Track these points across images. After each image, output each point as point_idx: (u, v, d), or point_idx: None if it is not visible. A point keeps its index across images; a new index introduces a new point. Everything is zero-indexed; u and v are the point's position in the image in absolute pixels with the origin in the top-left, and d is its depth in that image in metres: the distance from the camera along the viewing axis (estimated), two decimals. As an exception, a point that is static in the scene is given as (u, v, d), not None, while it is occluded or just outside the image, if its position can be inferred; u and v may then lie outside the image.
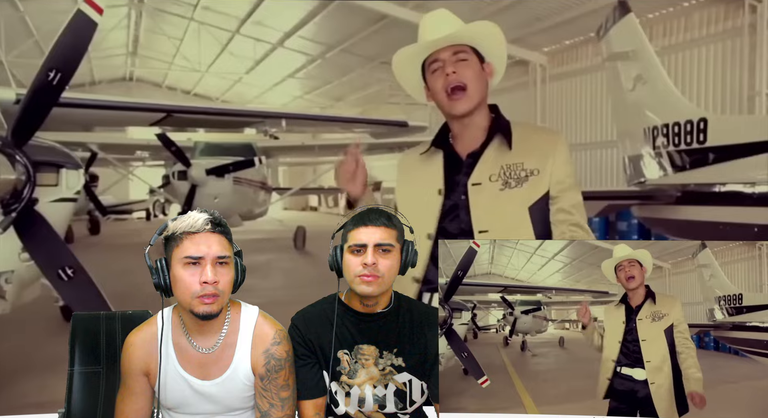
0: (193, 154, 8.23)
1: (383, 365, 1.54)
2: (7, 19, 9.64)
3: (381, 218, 1.47)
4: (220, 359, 1.45)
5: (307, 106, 14.63)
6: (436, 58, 1.68)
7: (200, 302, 1.36)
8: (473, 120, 1.71)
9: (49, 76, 2.83)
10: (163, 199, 13.02)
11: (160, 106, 5.61)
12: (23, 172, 2.85)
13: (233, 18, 11.24)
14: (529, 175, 1.66)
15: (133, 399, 1.47)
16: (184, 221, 1.39)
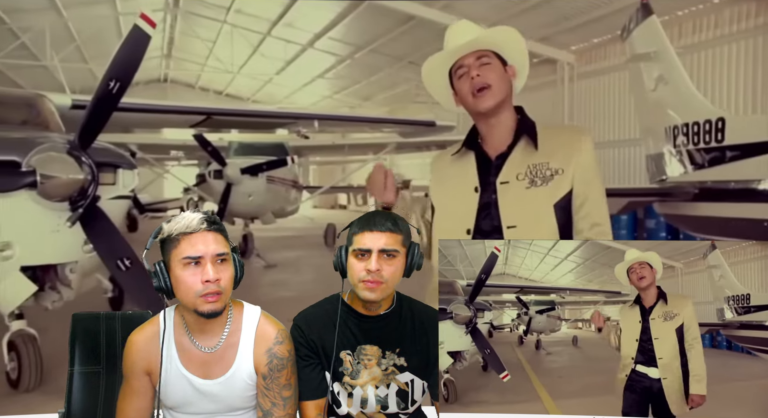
0: (228, 154, 8.61)
1: (386, 365, 1.55)
2: (51, 26, 10.17)
3: (386, 222, 1.48)
4: (222, 358, 1.46)
5: (336, 105, 14.95)
6: (462, 64, 1.79)
7: (204, 300, 1.38)
8: (499, 120, 1.80)
9: (110, 86, 3.19)
10: (196, 198, 13.50)
11: (200, 109, 5.99)
12: (89, 172, 3.21)
13: (265, 20, 11.62)
14: (554, 174, 1.74)
15: (134, 398, 1.48)
16: (179, 222, 1.40)
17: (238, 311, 1.50)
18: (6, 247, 3.21)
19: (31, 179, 3.07)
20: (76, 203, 3.21)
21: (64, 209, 3.21)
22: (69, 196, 3.18)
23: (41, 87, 12.97)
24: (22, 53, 10.59)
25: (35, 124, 4.50)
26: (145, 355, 1.46)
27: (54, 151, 3.15)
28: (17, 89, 8.00)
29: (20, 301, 3.37)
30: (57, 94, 5.96)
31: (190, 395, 1.47)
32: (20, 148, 3.15)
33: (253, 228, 8.52)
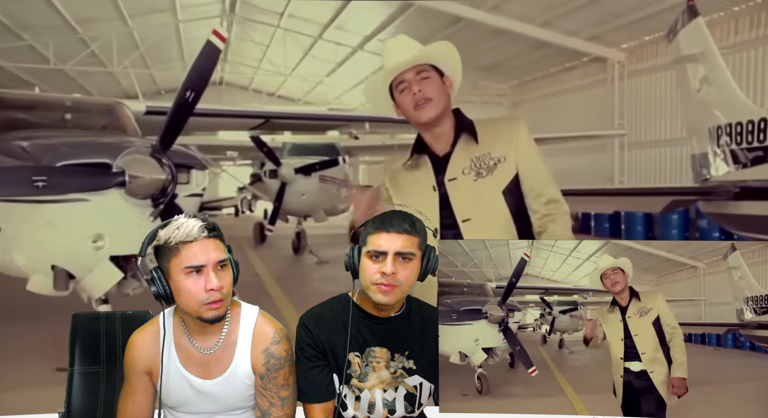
0: (282, 155, 9.09)
1: (395, 368, 1.56)
2: (118, 34, 10.89)
3: (404, 223, 1.48)
4: (221, 358, 1.49)
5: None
6: (402, 79, 1.92)
7: (208, 308, 1.41)
8: (442, 129, 1.94)
9: (186, 95, 3.63)
10: (250, 197, 14.14)
11: (261, 113, 6.45)
12: (168, 172, 3.66)
13: (316, 24, 12.06)
14: (497, 162, 1.87)
15: (135, 398, 1.52)
16: (179, 229, 1.40)
17: (236, 311, 1.52)
18: (99, 238, 3.69)
19: (120, 179, 3.54)
20: (158, 200, 3.66)
21: (147, 206, 3.66)
22: (152, 194, 3.63)
23: (107, 92, 13.89)
24: (90, 61, 11.38)
25: (114, 128, 5.03)
26: (145, 355, 1.49)
27: (139, 154, 3.61)
28: (98, 97, 8.68)
29: (108, 287, 3.85)
30: (133, 100, 6.54)
31: (190, 395, 1.50)
32: (110, 151, 3.62)
33: (306, 226, 8.96)
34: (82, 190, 3.55)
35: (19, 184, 3.36)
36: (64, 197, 3.55)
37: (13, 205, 3.81)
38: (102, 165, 3.58)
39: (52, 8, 9.29)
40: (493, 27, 9.93)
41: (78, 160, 3.61)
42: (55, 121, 4.82)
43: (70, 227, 3.62)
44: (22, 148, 4.05)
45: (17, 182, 3.37)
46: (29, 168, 3.48)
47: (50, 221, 3.67)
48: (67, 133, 4.50)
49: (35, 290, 4.05)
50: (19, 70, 11.64)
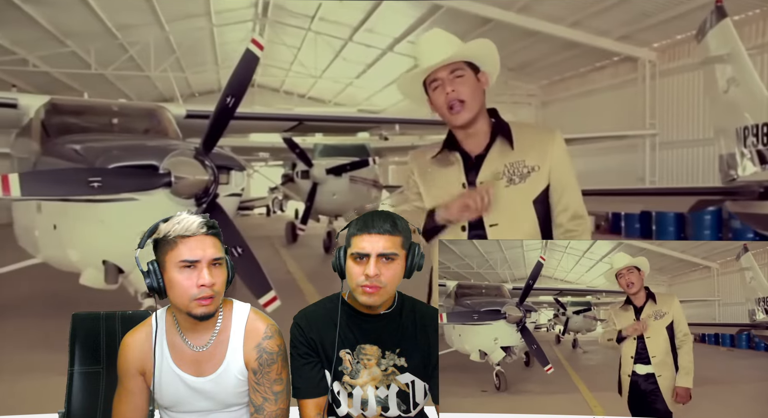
0: (313, 156, 9.36)
1: (385, 366, 1.56)
2: (155, 39, 11.32)
3: (385, 224, 1.47)
4: (213, 355, 1.48)
5: (414, 107, 15.52)
6: (436, 77, 1.83)
7: (198, 304, 1.39)
8: (475, 128, 1.86)
9: (227, 101, 3.85)
10: (281, 197, 14.47)
11: (295, 116, 6.70)
12: (211, 173, 3.87)
13: (346, 27, 12.30)
14: (530, 171, 1.82)
15: (130, 399, 1.50)
16: (179, 223, 1.41)
17: (228, 308, 1.52)
18: None
19: (166, 180, 3.75)
20: (201, 200, 3.88)
21: (191, 205, 3.87)
22: (195, 194, 3.84)
23: (144, 95, 14.34)
24: (129, 65, 11.84)
25: (156, 131, 5.31)
26: (138, 355, 1.49)
27: (184, 156, 3.83)
28: (142, 102, 9.07)
29: None
30: (173, 104, 6.86)
31: (184, 394, 1.50)
32: (157, 154, 3.85)
33: (337, 225, 9.20)
34: (132, 191, 3.79)
35: (76, 184, 3.60)
36: (115, 197, 3.80)
37: (67, 204, 4.09)
38: (149, 167, 3.81)
39: (94, 16, 9.71)
40: (522, 28, 10.01)
41: (128, 162, 3.80)
42: (103, 125, 5.11)
43: (121, 224, 3.84)
44: (74, 151, 4.33)
45: (75, 183, 3.62)
46: (85, 170, 3.72)
47: (102, 219, 3.93)
48: (114, 136, 4.76)
49: (87, 284, 4.35)
50: (62, 75, 12.20)
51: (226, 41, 13.29)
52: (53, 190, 3.69)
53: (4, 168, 10.98)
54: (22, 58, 10.61)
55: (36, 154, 4.63)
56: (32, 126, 4.84)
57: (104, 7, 9.65)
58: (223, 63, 14.36)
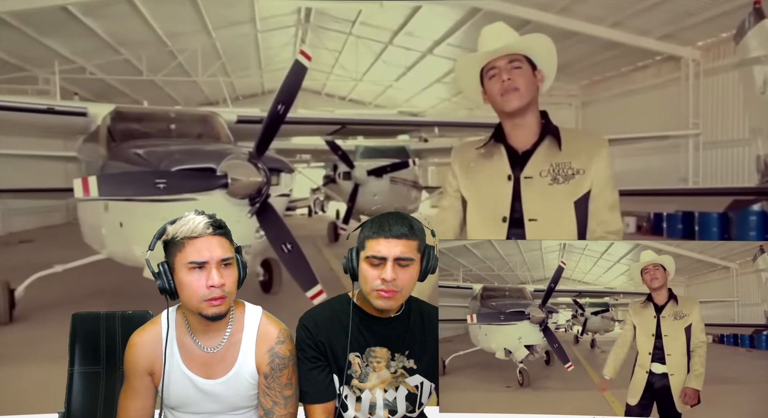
0: (355, 157, 9.70)
1: (395, 368, 1.56)
2: (202, 46, 11.86)
3: (402, 227, 1.46)
4: (224, 358, 1.49)
5: (454, 108, 15.69)
6: (494, 65, 1.86)
7: (209, 304, 1.40)
8: (525, 120, 1.89)
9: (278, 108, 4.20)
10: (323, 197, 14.89)
11: (338, 120, 7.05)
12: (263, 175, 4.23)
13: (387, 31, 12.59)
14: (575, 173, 1.86)
15: (136, 398, 1.50)
16: (185, 225, 1.42)
17: (240, 311, 1.53)
18: None
19: (223, 181, 4.12)
20: (254, 200, 4.24)
21: (245, 204, 4.24)
22: (249, 194, 4.20)
23: (191, 100, 14.95)
24: (177, 71, 12.44)
25: (209, 136, 5.72)
26: (147, 355, 1.49)
27: (239, 159, 4.20)
28: (195, 108, 9.52)
29: None
30: (225, 109, 7.31)
31: (193, 395, 1.50)
32: (215, 157, 4.23)
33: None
34: (192, 191, 4.16)
35: (144, 185, 4.00)
36: (177, 197, 4.18)
37: (132, 204, 4.50)
38: (208, 169, 4.20)
39: (146, 25, 10.29)
40: (561, 29, 10.10)
41: (189, 165, 4.19)
42: (162, 130, 5.55)
43: None
44: (137, 155, 4.75)
45: (143, 184, 4.02)
46: (152, 172, 4.11)
47: (164, 218, 4.23)
48: (172, 141, 5.18)
49: (151, 278, 4.74)
50: (115, 82, 12.89)
51: (269, 46, 13.78)
52: (124, 191, 4.10)
53: (65, 170, 11.72)
54: (81, 66, 11.30)
55: (103, 158, 5.09)
56: (99, 132, 5.30)
57: (156, 16, 10.20)
58: (267, 67, 14.90)
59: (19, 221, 12.33)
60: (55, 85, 11.03)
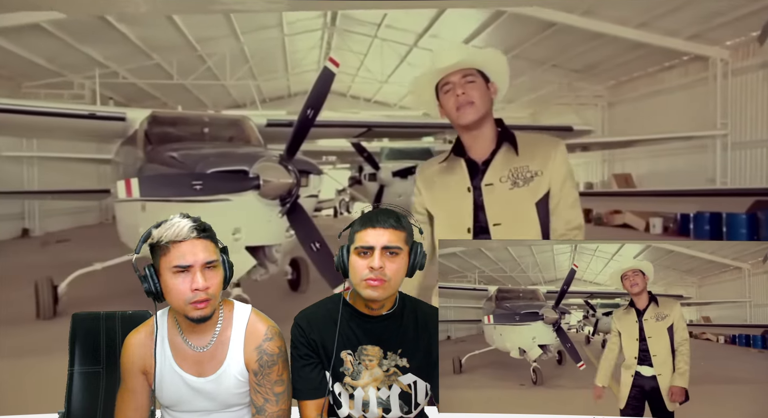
0: (380, 159, 9.90)
1: (387, 366, 1.58)
2: (231, 50, 12.18)
3: (389, 219, 1.50)
4: (214, 356, 1.51)
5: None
6: (448, 81, 1.95)
7: (193, 307, 1.42)
8: (482, 132, 1.98)
9: (308, 113, 4.41)
10: (348, 198, 15.13)
11: (364, 123, 7.26)
12: (294, 177, 4.43)
13: (412, 33, 12.76)
14: (534, 175, 1.95)
15: (132, 398, 1.54)
16: (169, 229, 1.42)
17: (229, 309, 1.55)
18: (237, 231, 4.54)
19: (255, 183, 4.33)
20: (284, 200, 4.45)
21: (275, 205, 4.45)
22: (280, 195, 4.41)
23: (220, 103, 15.28)
24: (206, 74, 12.80)
25: (240, 139, 5.96)
26: (141, 355, 1.52)
27: (270, 162, 4.41)
28: (227, 112, 9.82)
29: (244, 272, 4.70)
30: (255, 112, 7.58)
31: (185, 393, 1.53)
32: (247, 160, 4.45)
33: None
34: (226, 192, 4.38)
35: (182, 186, 4.23)
36: (212, 197, 4.42)
37: (168, 204, 4.71)
38: (241, 172, 4.43)
39: (177, 31, 10.64)
40: (587, 30, 10.16)
41: (223, 167, 4.37)
42: (195, 133, 5.80)
43: (215, 221, 4.36)
44: (172, 158, 4.99)
45: (180, 185, 4.25)
46: (190, 174, 4.35)
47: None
48: (206, 144, 5.42)
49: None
50: (146, 86, 13.31)
51: (296, 50, 14.08)
52: (163, 192, 4.35)
53: (98, 172, 12.11)
54: (114, 71, 11.72)
55: (141, 161, 5.37)
56: (137, 136, 5.58)
57: (187, 22, 10.53)
58: (293, 70, 15.21)
59: (56, 221, 12.83)
60: (92, 89, 11.48)
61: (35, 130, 6.98)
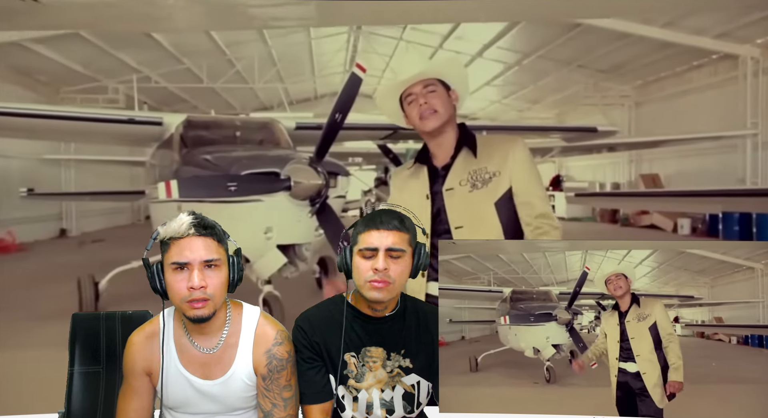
0: (405, 160, 10.07)
1: (391, 367, 1.58)
2: (259, 54, 12.49)
3: (393, 220, 1.51)
4: (221, 359, 1.50)
5: (504, 109, 15.89)
6: (411, 92, 2.05)
7: (190, 306, 1.41)
8: (445, 138, 2.07)
9: (336, 117, 4.63)
10: (374, 199, 15.34)
11: (390, 126, 7.48)
12: (323, 179, 4.67)
13: (437, 35, 12.92)
14: (492, 176, 2.02)
15: (135, 398, 1.52)
16: (171, 226, 1.43)
17: (237, 312, 1.54)
18: (269, 231, 4.78)
19: (286, 184, 4.56)
20: (314, 201, 4.69)
21: (305, 205, 4.68)
22: (310, 196, 4.64)
23: (247, 105, 15.61)
24: (234, 78, 13.14)
25: (269, 142, 6.21)
26: (145, 355, 1.51)
27: (300, 164, 4.64)
28: (258, 116, 10.12)
29: (275, 269, 4.94)
30: (283, 114, 7.84)
31: (190, 396, 1.52)
32: (279, 162, 4.68)
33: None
34: (259, 193, 4.61)
35: (218, 188, 4.49)
36: (245, 198, 4.67)
37: (202, 205, 4.94)
38: (272, 173, 4.67)
39: (207, 35, 10.97)
40: (612, 30, 10.20)
41: (256, 169, 4.49)
42: (228, 137, 6.06)
43: (248, 221, 4.70)
44: (206, 160, 5.25)
45: (216, 187, 4.51)
46: (225, 176, 4.61)
47: (233, 217, 4.76)
48: (237, 147, 5.68)
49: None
50: (177, 89, 13.73)
51: (322, 52, 14.35)
52: (200, 193, 4.62)
53: (131, 174, 12.53)
54: (146, 75, 12.14)
55: (177, 163, 5.66)
56: (173, 139, 5.88)
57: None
58: (320, 72, 15.50)
59: (91, 222, 13.33)
60: (125, 93, 11.90)
61: (77, 134, 7.36)
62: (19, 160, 10.86)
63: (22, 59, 10.01)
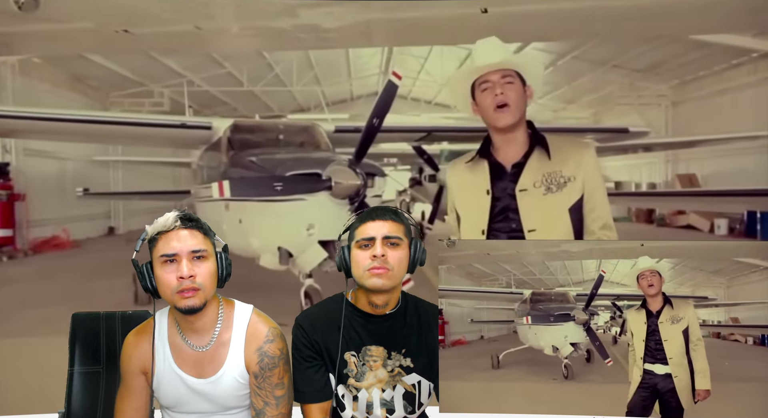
0: (440, 161, 10.42)
1: (392, 367, 1.59)
2: (297, 58, 12.98)
3: (388, 212, 1.55)
4: (214, 357, 1.52)
5: (539, 110, 16.02)
6: (487, 79, 1.96)
7: (180, 296, 1.43)
8: (515, 135, 2.00)
9: (374, 121, 5.05)
10: (408, 199, 15.70)
11: (425, 128, 7.87)
12: (361, 179, 5.08)
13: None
14: (567, 181, 1.97)
15: (132, 398, 1.55)
16: (158, 222, 1.47)
17: (229, 309, 1.55)
18: (311, 227, 5.21)
19: (328, 184, 4.98)
20: (353, 200, 5.09)
21: (345, 204, 5.08)
22: (349, 196, 5.06)
23: (285, 107, 16.11)
24: (273, 81, 13.65)
25: (310, 144, 6.66)
26: (141, 354, 1.53)
27: (340, 165, 5.06)
28: (299, 120, 10.59)
29: (316, 263, 5.35)
30: (323, 116, 8.26)
31: (184, 394, 1.53)
32: (320, 164, 5.12)
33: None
34: (302, 193, 5.02)
35: (265, 188, 4.94)
36: (289, 197, 5.10)
37: (250, 203, 5.44)
38: (315, 174, 4.93)
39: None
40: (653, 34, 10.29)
41: (299, 170, 4.93)
42: (271, 140, 6.52)
43: (292, 219, 5.14)
44: (252, 162, 5.70)
45: (264, 187, 4.96)
46: (272, 177, 5.05)
47: (278, 215, 5.23)
48: (280, 149, 6.14)
49: (265, 265, 5.72)
50: (218, 93, 14.33)
51: (359, 55, 14.76)
52: (248, 192, 5.09)
53: (173, 174, 13.14)
54: (189, 79, 12.76)
55: (225, 165, 6.15)
56: (221, 142, 6.38)
57: (257, 33, 11.37)
58: (356, 75, 15.94)
59: (136, 221, 14.04)
60: (170, 98, 12.53)
61: (132, 138, 7.95)
62: (73, 162, 11.61)
63: (81, 68, 10.72)
